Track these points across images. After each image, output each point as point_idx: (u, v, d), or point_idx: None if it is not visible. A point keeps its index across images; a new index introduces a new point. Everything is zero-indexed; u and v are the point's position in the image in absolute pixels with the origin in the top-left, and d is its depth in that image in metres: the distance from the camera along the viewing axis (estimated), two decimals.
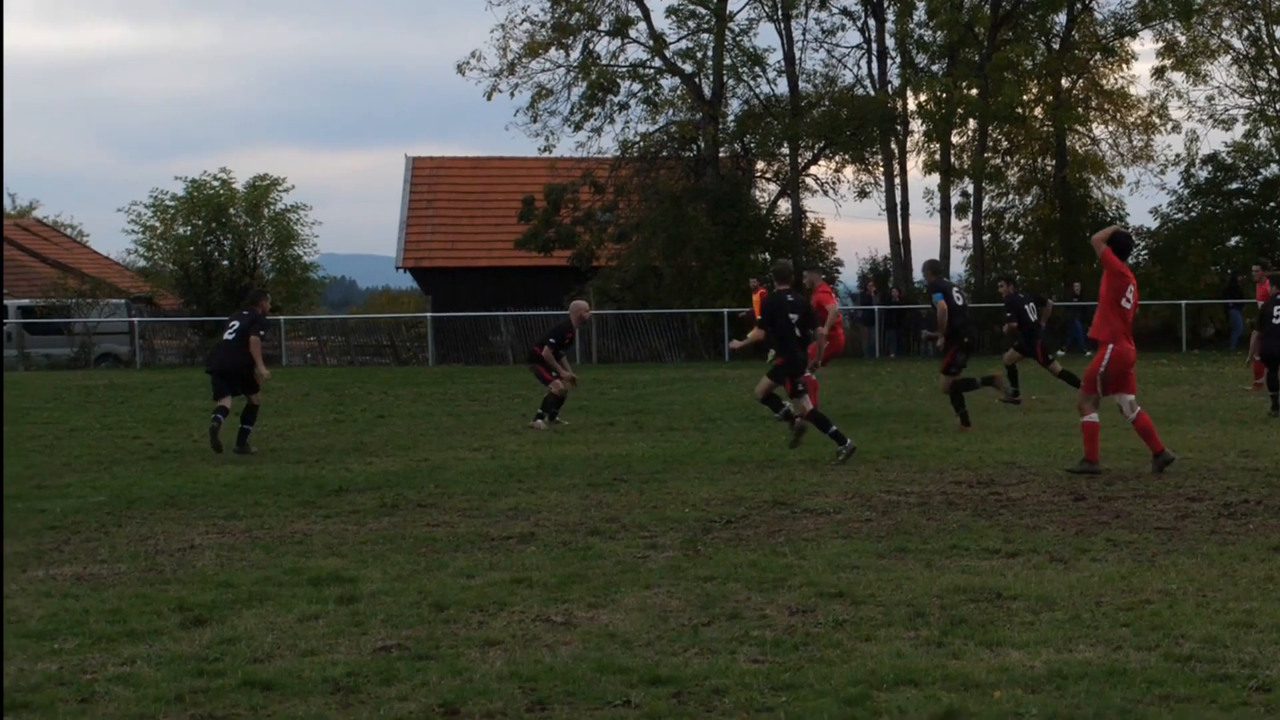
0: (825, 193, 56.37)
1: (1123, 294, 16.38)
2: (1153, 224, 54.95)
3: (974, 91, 51.10)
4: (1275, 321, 23.91)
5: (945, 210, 53.19)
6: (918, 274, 54.25)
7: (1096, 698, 7.65)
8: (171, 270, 55.13)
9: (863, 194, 54.78)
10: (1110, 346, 16.43)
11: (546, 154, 53.38)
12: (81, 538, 13.25)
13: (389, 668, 8.44)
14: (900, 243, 53.22)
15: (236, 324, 21.00)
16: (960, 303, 23.03)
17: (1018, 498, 14.80)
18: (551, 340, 24.29)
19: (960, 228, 54.22)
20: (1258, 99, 54.19)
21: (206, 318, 49.85)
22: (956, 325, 22.55)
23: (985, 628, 9.18)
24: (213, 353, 21.38)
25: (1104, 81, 55.58)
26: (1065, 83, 54.49)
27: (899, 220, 52.91)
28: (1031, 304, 26.74)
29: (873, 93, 53.01)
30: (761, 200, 55.36)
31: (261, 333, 21.02)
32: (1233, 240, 53.94)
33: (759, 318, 19.89)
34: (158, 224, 55.26)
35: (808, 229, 55.05)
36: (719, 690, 7.91)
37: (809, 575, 10.84)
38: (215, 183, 54.84)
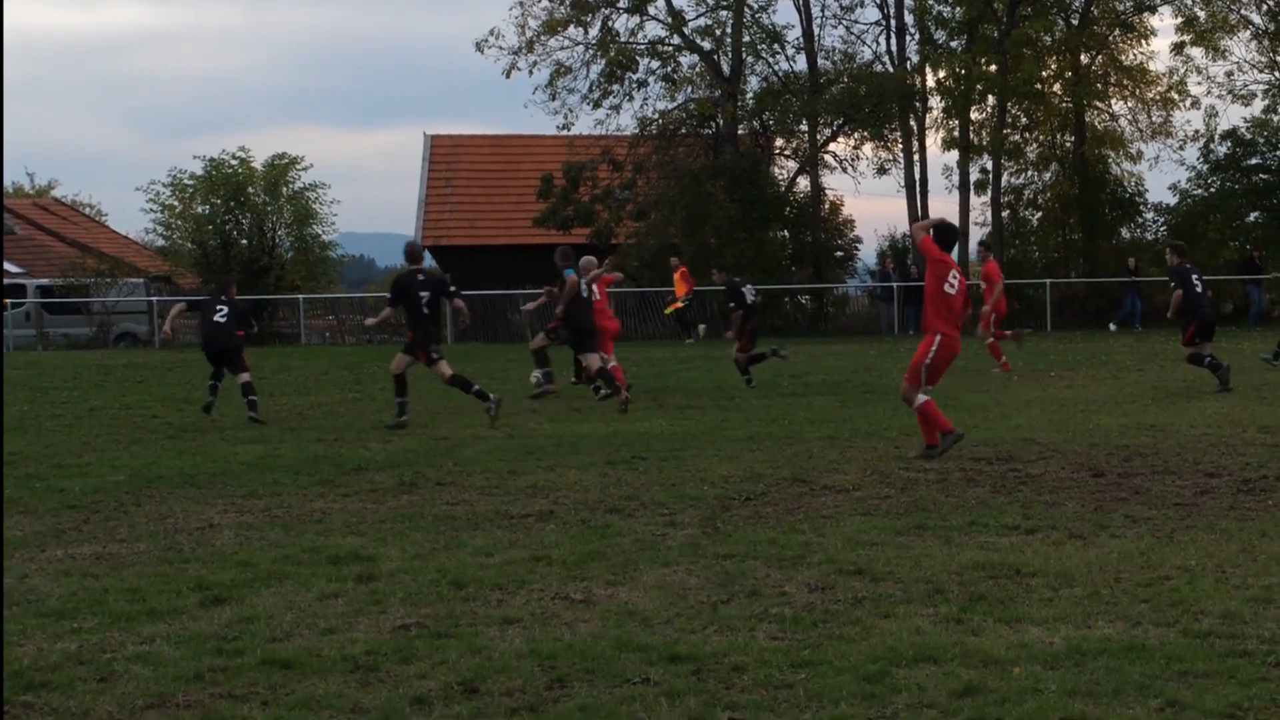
0: (844, 170, 56.37)
1: (944, 280, 16.26)
2: (1172, 200, 54.76)
3: (993, 68, 50.95)
4: (1199, 290, 24.65)
5: (964, 187, 53.10)
6: None
7: (1115, 674, 7.65)
8: (190, 249, 55.09)
9: (881, 171, 54.86)
10: (938, 336, 16.32)
11: (565, 132, 53.36)
12: (100, 517, 13.27)
13: (408, 646, 8.45)
14: (919, 219, 53.15)
15: (224, 308, 22.90)
16: (585, 294, 24.03)
17: (1037, 474, 14.78)
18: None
19: (979, 204, 54.11)
20: (1277, 74, 53.87)
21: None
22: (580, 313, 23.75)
23: (1004, 604, 9.18)
24: (207, 333, 23.31)
25: (1123, 57, 55.30)
26: (1084, 59, 54.23)
27: (918, 197, 52.91)
28: (749, 286, 26.73)
29: (891, 69, 52.96)
30: (780, 177, 55.41)
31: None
32: (1252, 216, 53.75)
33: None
34: (176, 203, 55.23)
35: (826, 206, 55.06)
36: (738, 667, 7.92)
37: (828, 552, 10.84)
38: (234, 162, 54.79)
